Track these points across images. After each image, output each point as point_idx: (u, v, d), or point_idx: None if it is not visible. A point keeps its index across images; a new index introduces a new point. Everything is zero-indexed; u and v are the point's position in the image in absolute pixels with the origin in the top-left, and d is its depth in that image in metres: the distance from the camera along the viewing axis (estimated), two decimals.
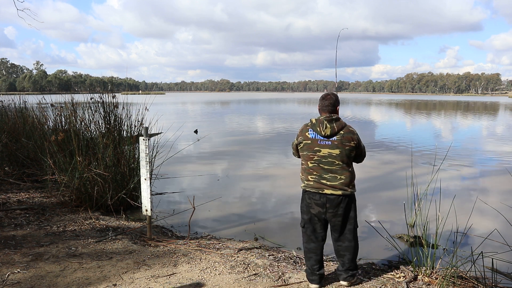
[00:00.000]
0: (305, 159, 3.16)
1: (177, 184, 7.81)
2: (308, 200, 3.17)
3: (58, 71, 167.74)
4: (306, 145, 3.13)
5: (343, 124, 3.11)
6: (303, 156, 3.18)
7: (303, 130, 3.20)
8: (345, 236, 3.20)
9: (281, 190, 7.54)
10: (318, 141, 3.09)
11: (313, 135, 3.11)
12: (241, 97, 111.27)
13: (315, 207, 3.13)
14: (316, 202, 3.11)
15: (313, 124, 3.14)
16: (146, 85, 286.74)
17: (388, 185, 7.93)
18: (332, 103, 3.16)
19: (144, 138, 4.24)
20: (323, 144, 3.07)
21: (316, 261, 3.22)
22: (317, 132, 3.09)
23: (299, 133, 3.23)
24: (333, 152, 3.05)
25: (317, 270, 3.22)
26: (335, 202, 3.07)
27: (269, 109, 40.56)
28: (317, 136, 3.10)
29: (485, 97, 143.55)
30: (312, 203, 3.14)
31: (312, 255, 3.23)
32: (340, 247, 3.25)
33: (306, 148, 3.13)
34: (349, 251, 3.21)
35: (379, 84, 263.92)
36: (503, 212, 3.97)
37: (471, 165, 10.15)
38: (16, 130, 7.09)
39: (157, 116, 6.30)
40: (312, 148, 3.10)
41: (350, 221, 3.18)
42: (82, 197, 5.40)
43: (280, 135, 17.04)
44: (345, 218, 3.14)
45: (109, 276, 3.33)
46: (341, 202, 3.08)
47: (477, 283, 3.25)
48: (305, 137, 3.15)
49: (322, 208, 3.10)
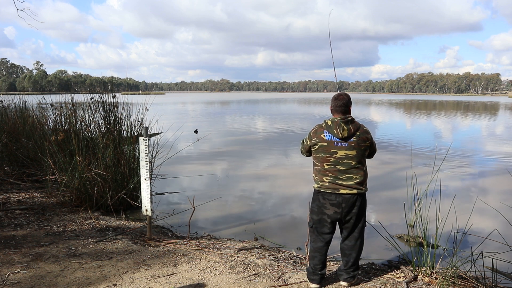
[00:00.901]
0: (320, 161, 3.14)
1: (177, 184, 7.81)
2: (323, 200, 3.15)
3: (58, 71, 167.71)
4: (322, 147, 3.10)
5: (358, 125, 3.12)
6: (318, 158, 3.15)
7: (317, 132, 3.15)
8: (353, 235, 3.22)
9: (281, 190, 7.55)
10: (335, 143, 3.07)
11: (329, 137, 3.09)
12: (241, 97, 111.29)
13: (330, 207, 3.12)
14: (331, 202, 3.11)
15: (328, 126, 3.10)
16: (146, 85, 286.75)
17: (388, 185, 7.93)
18: (345, 103, 3.14)
19: (144, 138, 4.24)
20: (340, 146, 3.06)
21: (320, 261, 3.23)
22: (333, 134, 3.07)
23: (312, 134, 3.18)
24: (350, 153, 3.06)
25: (319, 270, 3.22)
26: (351, 201, 3.08)
27: (269, 109, 40.56)
28: (333, 138, 3.08)
29: (485, 97, 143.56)
30: (327, 203, 3.13)
31: (317, 255, 3.24)
32: (346, 245, 3.26)
33: (322, 150, 3.11)
34: (355, 250, 3.23)
35: (379, 84, 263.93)
36: (503, 212, 3.97)
37: (471, 165, 10.15)
38: (16, 130, 7.09)
39: (157, 116, 6.31)
40: (329, 150, 3.08)
41: (361, 220, 3.20)
42: (82, 197, 5.40)
43: (280, 135, 17.04)
44: (357, 217, 3.16)
45: (109, 276, 3.33)
46: (356, 201, 3.09)
47: (477, 283, 3.25)
48: (320, 139, 3.11)
49: (338, 208, 3.10)
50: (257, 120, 26.08)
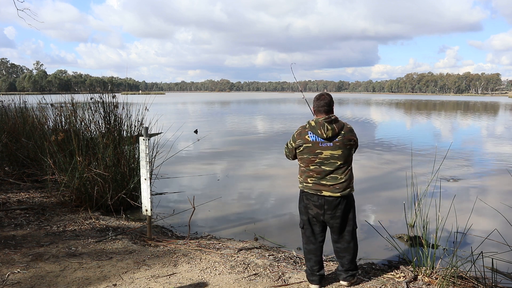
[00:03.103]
0: (305, 162, 3.11)
1: (177, 184, 7.81)
2: (306, 201, 3.16)
3: (58, 71, 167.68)
4: (307, 148, 3.08)
5: (342, 124, 3.09)
6: (303, 159, 3.13)
7: (301, 133, 3.13)
8: (343, 238, 3.20)
9: (281, 190, 7.54)
10: (320, 143, 3.04)
11: (313, 138, 3.06)
12: (241, 97, 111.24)
13: (313, 208, 3.12)
14: (314, 203, 3.10)
15: (312, 126, 3.08)
16: (146, 85, 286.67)
17: (388, 185, 7.93)
18: (327, 103, 3.12)
19: (144, 138, 4.24)
20: (325, 146, 3.04)
21: (316, 262, 3.22)
22: (317, 134, 3.05)
23: (296, 136, 3.16)
24: (335, 153, 3.03)
25: (317, 271, 3.21)
26: (333, 204, 3.06)
27: (269, 109, 40.55)
28: (318, 138, 3.05)
29: (485, 97, 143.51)
30: (310, 204, 3.13)
31: (311, 256, 3.23)
32: (339, 248, 3.24)
33: (307, 152, 3.08)
34: (348, 252, 3.21)
35: (379, 84, 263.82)
36: (503, 212, 3.97)
37: (471, 165, 10.14)
38: (16, 130, 7.09)
39: (157, 116, 6.31)
40: (314, 151, 3.06)
41: (349, 223, 3.16)
42: (82, 197, 5.40)
43: (280, 135, 17.04)
44: (343, 220, 3.13)
45: (109, 276, 3.33)
46: (340, 204, 3.07)
47: (477, 283, 3.25)
48: (305, 140, 3.09)
49: (320, 209, 3.09)
50: (257, 120, 26.07)
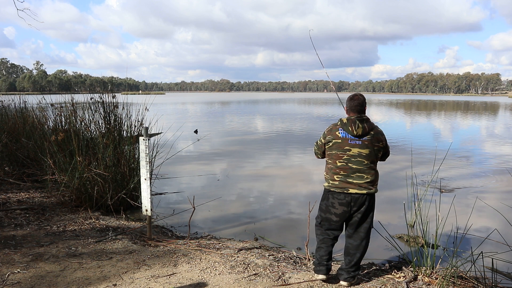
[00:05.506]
0: (333, 158, 3.17)
1: (177, 184, 7.81)
2: (332, 199, 3.19)
3: (58, 71, 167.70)
4: (336, 144, 3.14)
5: (373, 125, 3.16)
6: (331, 155, 3.18)
7: (332, 130, 3.20)
8: (358, 234, 3.24)
9: (281, 190, 7.54)
10: (349, 140, 3.11)
11: (343, 134, 3.13)
12: (241, 97, 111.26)
13: (339, 207, 3.15)
14: (340, 201, 3.14)
15: (343, 123, 3.15)
16: (146, 85, 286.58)
17: (388, 185, 7.93)
18: (360, 103, 3.19)
19: (144, 138, 4.24)
20: (354, 143, 3.10)
21: (326, 252, 3.26)
22: (348, 131, 3.11)
23: (326, 132, 3.23)
24: (363, 151, 3.09)
25: (325, 260, 3.25)
26: (360, 201, 3.11)
27: (269, 110, 40.55)
28: (348, 135, 3.12)
29: (485, 97, 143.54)
30: (336, 203, 3.16)
31: (323, 246, 3.27)
32: (350, 244, 3.27)
33: (336, 147, 3.14)
34: (360, 250, 3.24)
35: (379, 84, 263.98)
36: (503, 212, 3.97)
37: (471, 165, 10.15)
38: (16, 130, 7.09)
39: (157, 116, 6.31)
40: (342, 147, 3.12)
41: (368, 220, 3.21)
42: (82, 197, 5.40)
43: (280, 135, 17.04)
44: (363, 216, 3.18)
45: (109, 276, 3.33)
46: (365, 201, 3.12)
47: (477, 283, 3.25)
48: (335, 136, 3.16)
49: (347, 207, 3.13)
50: (257, 120, 26.07)
